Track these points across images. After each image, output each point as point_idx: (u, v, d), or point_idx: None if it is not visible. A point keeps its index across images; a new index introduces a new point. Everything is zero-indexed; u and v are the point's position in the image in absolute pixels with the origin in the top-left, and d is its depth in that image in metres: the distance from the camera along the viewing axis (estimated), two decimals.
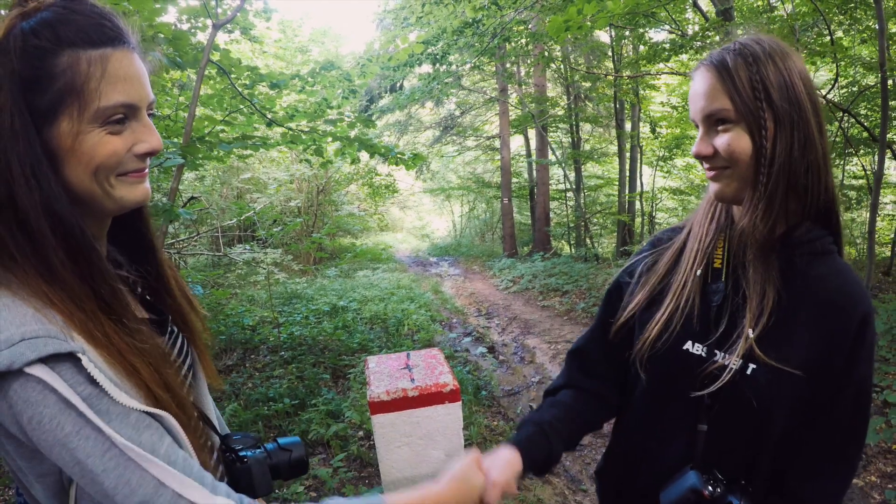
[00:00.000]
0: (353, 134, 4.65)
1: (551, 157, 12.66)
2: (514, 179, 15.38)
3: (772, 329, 0.82)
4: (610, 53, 10.74)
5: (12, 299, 0.60)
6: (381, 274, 10.07)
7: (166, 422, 0.66)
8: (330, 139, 4.65)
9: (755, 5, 7.48)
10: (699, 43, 6.76)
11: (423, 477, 1.84)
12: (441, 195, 21.07)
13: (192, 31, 3.88)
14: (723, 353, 0.85)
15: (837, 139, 6.49)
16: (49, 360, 0.58)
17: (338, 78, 4.91)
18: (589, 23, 3.11)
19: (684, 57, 7.70)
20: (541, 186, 12.67)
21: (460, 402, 1.59)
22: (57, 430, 0.58)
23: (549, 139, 12.98)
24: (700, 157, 0.86)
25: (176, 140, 3.86)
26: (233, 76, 3.79)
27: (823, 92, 5.34)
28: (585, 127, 13.61)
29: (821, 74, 7.95)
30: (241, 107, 4.54)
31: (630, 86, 9.75)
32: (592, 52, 11.52)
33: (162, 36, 3.13)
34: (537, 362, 5.19)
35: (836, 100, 5.91)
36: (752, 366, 0.82)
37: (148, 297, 0.86)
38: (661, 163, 11.55)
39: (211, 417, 0.90)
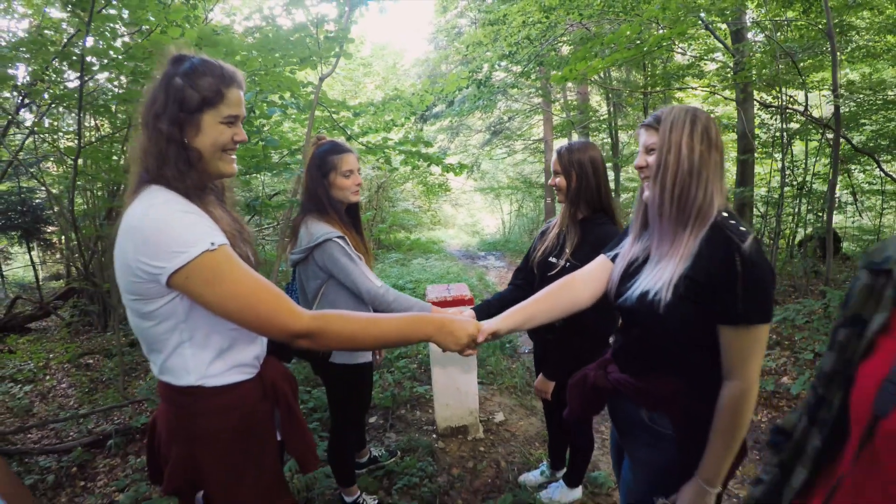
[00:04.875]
0: (413, 149, 6.11)
1: None
2: None
3: (576, 250, 2.14)
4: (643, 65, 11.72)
5: (323, 223, 2.04)
6: (434, 262, 11.50)
7: (364, 259, 2.10)
8: (395, 152, 6.13)
9: (769, 22, 8.44)
10: (710, 66, 7.79)
11: (455, 356, 3.24)
12: (491, 194, 22.30)
13: (292, 71, 5.41)
14: (561, 260, 2.19)
15: (827, 151, 7.37)
16: (337, 238, 2.00)
17: (403, 104, 6.40)
18: (583, 75, 4.41)
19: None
20: None
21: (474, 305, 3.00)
22: (338, 256, 1.98)
23: None
24: (551, 186, 2.21)
25: (299, 157, 5.41)
26: (332, 109, 5.29)
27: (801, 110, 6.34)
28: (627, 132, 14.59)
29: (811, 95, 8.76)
30: (327, 126, 6.08)
31: (660, 98, 10.73)
32: (629, 62, 12.50)
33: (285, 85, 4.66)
34: None
35: (817, 116, 6.87)
36: (568, 264, 2.12)
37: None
38: None
39: None
